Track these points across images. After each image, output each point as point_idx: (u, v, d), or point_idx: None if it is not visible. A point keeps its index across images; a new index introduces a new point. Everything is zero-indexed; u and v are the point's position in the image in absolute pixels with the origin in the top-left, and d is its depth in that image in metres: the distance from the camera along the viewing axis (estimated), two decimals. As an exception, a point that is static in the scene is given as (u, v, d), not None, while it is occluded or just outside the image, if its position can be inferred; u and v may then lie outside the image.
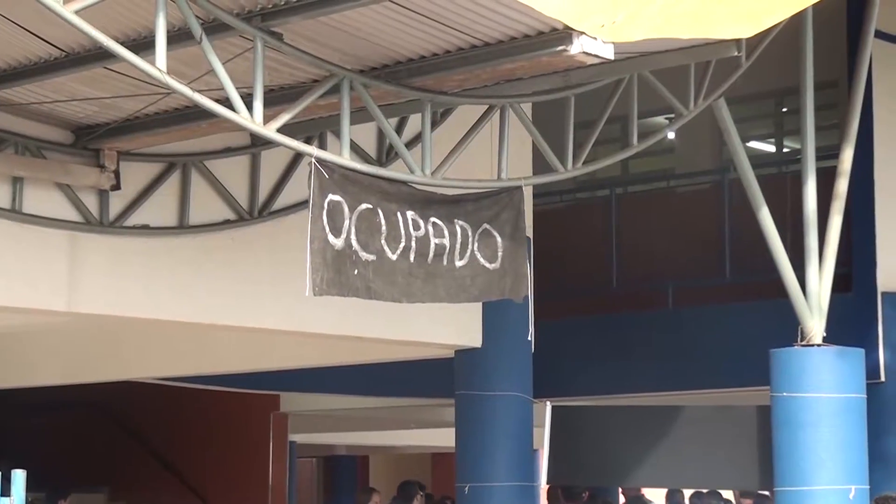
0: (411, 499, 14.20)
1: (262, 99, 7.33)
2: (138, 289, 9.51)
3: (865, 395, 10.53)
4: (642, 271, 15.09)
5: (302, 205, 8.30)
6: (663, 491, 17.08)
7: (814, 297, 10.50)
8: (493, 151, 8.90)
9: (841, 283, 11.00)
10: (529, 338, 10.91)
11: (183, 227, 9.67)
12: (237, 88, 7.17)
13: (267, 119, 7.43)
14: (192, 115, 8.46)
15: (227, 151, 9.78)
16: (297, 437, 19.68)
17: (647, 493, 17.53)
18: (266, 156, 9.94)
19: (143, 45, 7.13)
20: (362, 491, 15.33)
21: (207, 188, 9.80)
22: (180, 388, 15.44)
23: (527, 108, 9.22)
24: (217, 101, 7.22)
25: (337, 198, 7.89)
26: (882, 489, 11.35)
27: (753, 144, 15.18)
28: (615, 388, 14.91)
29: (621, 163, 13.68)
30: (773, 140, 15.89)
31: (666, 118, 10.35)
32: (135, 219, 9.48)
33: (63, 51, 7.91)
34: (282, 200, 10.07)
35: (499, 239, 8.90)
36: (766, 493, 13.29)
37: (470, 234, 8.75)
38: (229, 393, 15.61)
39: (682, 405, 15.93)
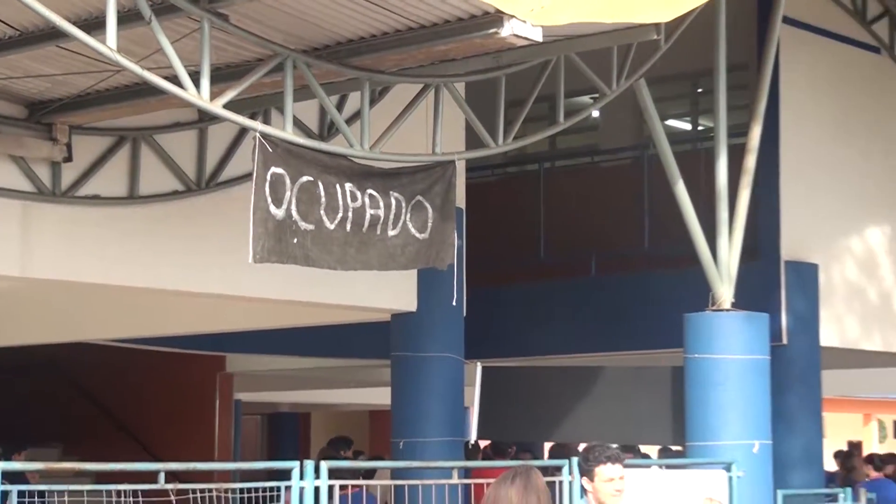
0: (338, 452, 14.22)
1: (209, 76, 7.30)
2: (90, 256, 9.45)
3: (769, 357, 10.65)
4: (568, 241, 15.15)
5: (247, 177, 8.25)
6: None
7: (724, 266, 10.61)
8: (427, 128, 8.90)
9: (748, 253, 11.10)
10: (455, 303, 10.91)
11: (132, 197, 9.61)
12: (185, 66, 7.13)
13: (213, 96, 7.40)
14: (141, 91, 8.38)
15: (176, 126, 9.71)
16: (243, 396, 19.65)
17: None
18: (213, 130, 9.88)
19: (94, 24, 7.07)
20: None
21: (156, 161, 9.74)
22: (131, 349, 15.36)
23: (460, 87, 9.22)
24: (166, 78, 7.17)
25: (279, 170, 7.87)
26: (783, 443, 11.53)
27: (671, 123, 15.28)
28: (541, 350, 15.00)
29: (549, 139, 13.73)
30: (688, 118, 16.02)
31: (590, 97, 10.40)
32: (86, 189, 9.41)
33: (17, 29, 7.81)
34: (227, 172, 10.02)
35: (430, 210, 8.91)
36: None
37: (403, 205, 8.76)
38: (178, 354, 15.55)
39: (602, 366, 16.04)
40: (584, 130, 16.17)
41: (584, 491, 7.18)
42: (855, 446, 25.79)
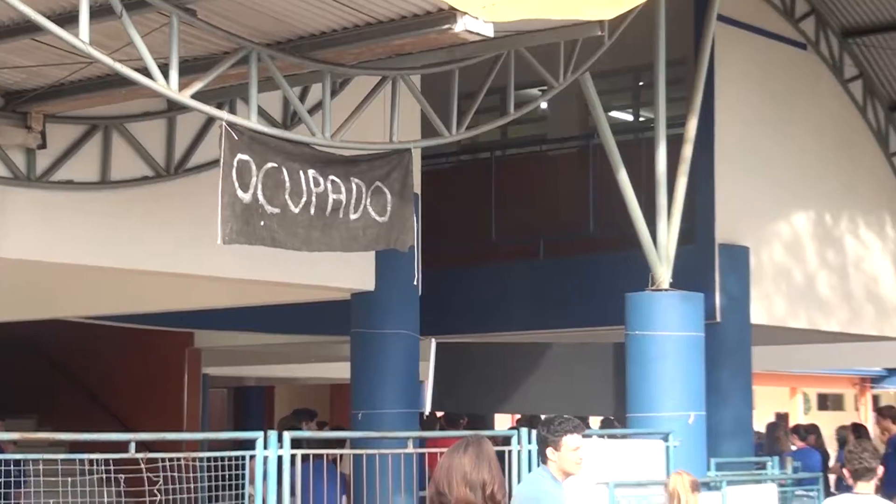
0: (300, 424, 14.20)
1: (178, 68, 7.27)
2: (63, 237, 9.40)
3: (704, 334, 10.72)
4: (517, 225, 15.18)
5: (214, 163, 8.23)
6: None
7: (663, 249, 10.67)
8: (385, 117, 8.90)
9: (685, 236, 11.16)
10: (416, 282, 10.92)
11: (104, 182, 9.56)
12: (155, 59, 7.10)
13: (182, 86, 7.37)
14: (113, 82, 8.32)
15: (146, 115, 9.66)
16: (210, 370, 19.58)
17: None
18: (181, 119, 9.83)
19: (68, 18, 6.99)
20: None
21: (127, 148, 9.69)
22: (104, 325, 15.27)
23: (416, 79, 9.21)
24: (136, 70, 7.13)
25: (245, 157, 7.85)
26: (716, 415, 11.60)
27: (614, 114, 15.31)
28: (492, 327, 15.04)
29: (500, 128, 13.72)
30: (630, 110, 16.06)
31: (539, 90, 10.42)
32: (60, 175, 9.35)
33: (-5, 23, 7.74)
34: (195, 159, 9.98)
35: (389, 195, 8.91)
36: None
37: (364, 190, 8.75)
38: (148, 330, 15.48)
39: (549, 342, 16.09)
40: (533, 121, 16.19)
41: (544, 459, 7.17)
42: (782, 418, 26.01)
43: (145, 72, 7.13)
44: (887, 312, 15.99)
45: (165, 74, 7.20)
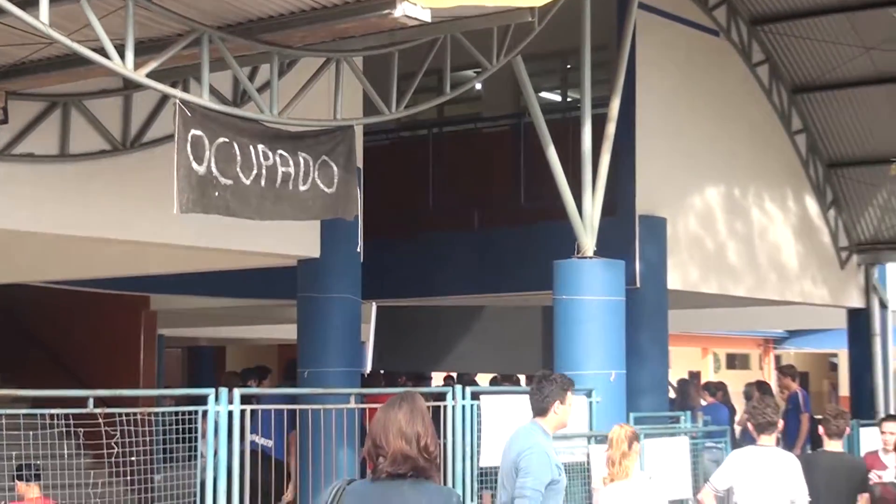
0: (246, 382, 14.17)
1: (133, 49, 7.17)
2: (25, 207, 9.28)
3: (624, 298, 10.79)
4: (454, 197, 15.19)
5: (169, 138, 8.15)
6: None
7: (587, 219, 10.70)
8: (329, 96, 8.86)
9: (608, 208, 11.20)
10: (359, 250, 10.90)
11: (64, 155, 9.43)
12: (111, 40, 6.99)
13: (137, 66, 7.28)
14: (72, 61, 8.18)
15: (103, 93, 9.52)
16: (165, 331, 19.46)
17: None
18: (137, 97, 9.71)
19: (30, 1, 6.88)
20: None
21: (85, 123, 9.56)
22: (66, 290, 15.12)
23: (358, 60, 9.16)
24: (94, 50, 7.03)
25: (198, 132, 7.78)
26: (635, 373, 11.70)
27: (543, 95, 15.33)
28: (429, 292, 15.07)
29: (437, 107, 13.69)
30: (558, 91, 16.08)
31: (474, 71, 10.40)
32: (21, 148, 9.21)
33: (-44, 4, 7.59)
34: (151, 134, 9.87)
35: (335, 168, 8.88)
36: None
37: (311, 163, 8.72)
38: (107, 294, 15.35)
39: (483, 306, 16.16)
40: (468, 100, 16.19)
41: (542, 413, 7.27)
42: (694, 375, 26.26)
43: (102, 52, 7.03)
44: (789, 279, 16.22)
45: (122, 55, 7.11)
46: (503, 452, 7.46)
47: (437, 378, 19.10)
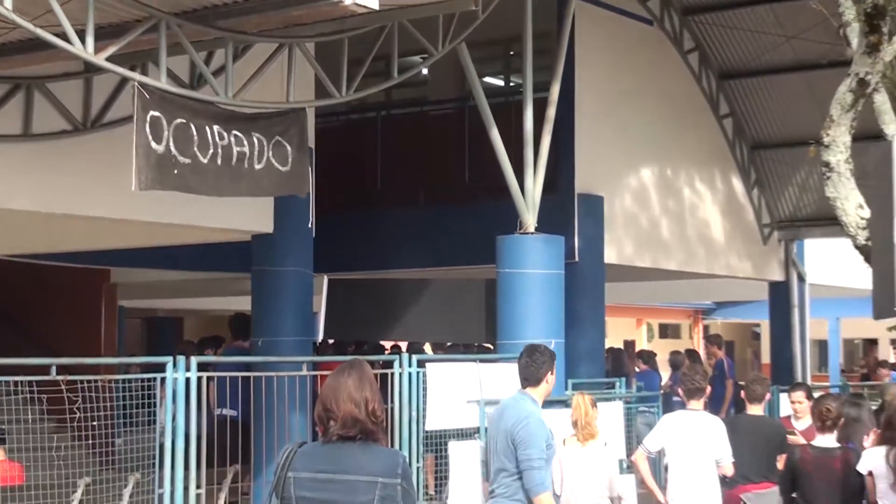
0: (203, 350, 14.15)
1: (94, 34, 7.11)
2: (-9, 185, 9.20)
3: (564, 272, 10.86)
4: (402, 176, 15.20)
5: (128, 119, 8.08)
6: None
7: (529, 197, 10.76)
8: (282, 80, 8.82)
9: (549, 187, 11.26)
10: (310, 225, 10.89)
11: (27, 135, 9.33)
12: (73, 25, 6.93)
13: (98, 50, 7.21)
14: (34, 45, 8.07)
15: (65, 76, 9.42)
16: (126, 303, 19.33)
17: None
18: (97, 80, 9.62)
19: (-8, -14, 6.81)
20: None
21: (47, 105, 9.44)
22: (31, 264, 14.96)
23: (310, 46, 9.12)
24: (56, 35, 6.96)
25: (157, 113, 7.74)
26: (574, 342, 11.81)
27: (487, 79, 15.35)
28: (379, 266, 15.09)
29: (385, 91, 13.67)
30: (501, 76, 16.11)
31: (420, 57, 10.38)
32: (-14, 128, 9.13)
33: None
34: (111, 115, 9.77)
35: (288, 148, 8.87)
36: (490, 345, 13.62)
37: (265, 143, 8.70)
38: (70, 268, 15.21)
39: (429, 278, 16.19)
40: (414, 85, 16.17)
41: (534, 384, 7.29)
42: (629, 344, 26.53)
43: (64, 37, 6.96)
44: (716, 254, 16.40)
45: (83, 39, 7.05)
46: (492, 422, 7.42)
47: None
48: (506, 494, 7.11)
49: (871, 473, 7.35)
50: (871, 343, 31.57)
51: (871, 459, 7.37)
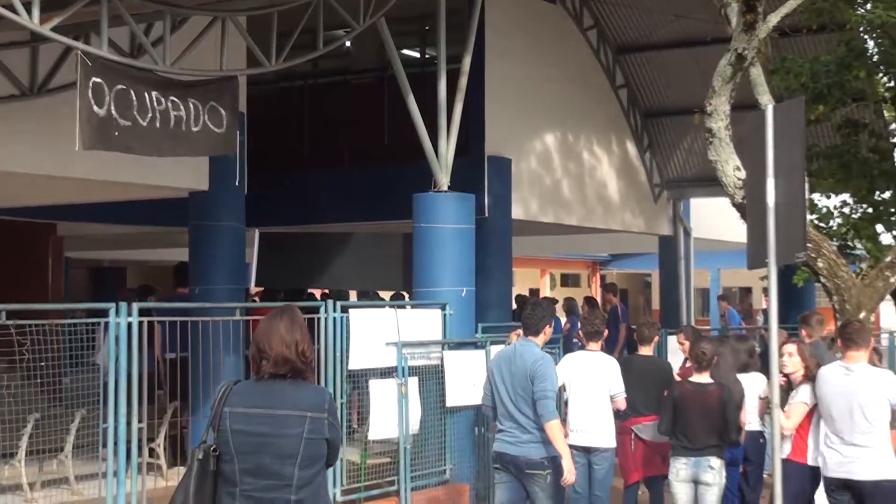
0: (144, 298, 14.01)
1: (39, 6, 6.99)
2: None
3: (474, 227, 10.95)
4: (327, 139, 15.13)
5: (72, 85, 7.95)
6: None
7: (443, 159, 10.81)
8: (216, 50, 8.74)
9: (461, 149, 11.31)
10: (237, 183, 10.81)
11: (-22, 100, 9.15)
12: (19, -3, 6.81)
13: (43, 21, 7.10)
14: (-18, 15, 7.92)
15: (12, 44, 9.21)
16: (72, 254, 19.03)
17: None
18: (43, 48, 9.42)
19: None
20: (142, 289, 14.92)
21: (-4, 72, 9.27)
22: (-20, 218, 14.68)
23: (242, 19, 9.04)
24: (3, 6, 6.83)
25: (99, 80, 7.64)
26: (483, 290, 11.91)
27: (405, 52, 15.29)
28: (306, 220, 15.05)
29: (311, 61, 13.57)
30: (418, 49, 16.05)
31: (344, 30, 10.33)
32: (-62, 93, 8.90)
33: None
34: (56, 81, 9.59)
35: (223, 112, 8.81)
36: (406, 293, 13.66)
37: (201, 108, 8.63)
38: (18, 222, 14.93)
39: (352, 232, 16.17)
40: (338, 56, 16.01)
41: (535, 333, 7.70)
42: (534, 293, 26.78)
43: (11, 8, 6.85)
44: (612, 211, 16.63)
45: (29, 11, 6.93)
46: (499, 367, 7.75)
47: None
48: (525, 426, 7.51)
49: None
50: (747, 291, 32.31)
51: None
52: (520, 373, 7.56)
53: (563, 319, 17.82)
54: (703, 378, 8.01)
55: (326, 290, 16.52)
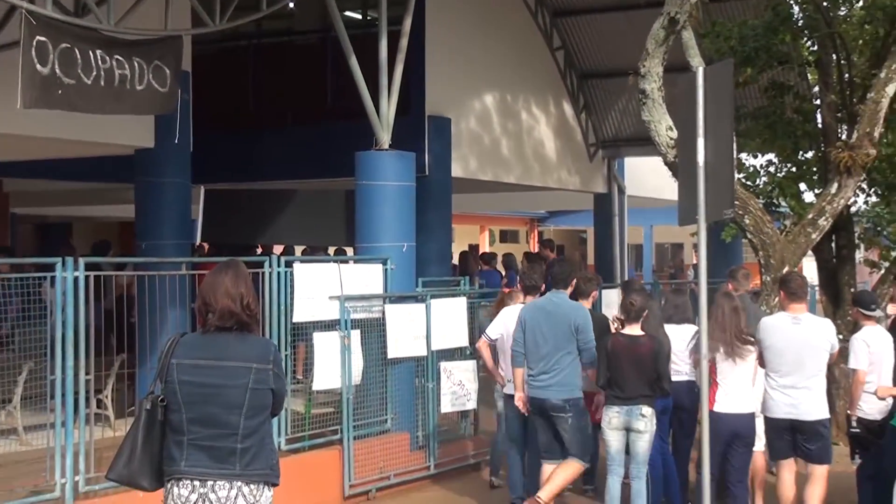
0: (105, 252, 13.87)
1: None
2: None
3: (415, 184, 10.95)
4: (271, 98, 14.99)
5: (16, 43, 7.78)
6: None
7: (384, 118, 10.76)
8: (161, 9, 8.60)
9: (402, 109, 11.27)
10: (176, 141, 10.67)
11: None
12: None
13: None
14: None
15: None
16: (18, 210, 18.72)
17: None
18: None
19: None
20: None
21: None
22: (-76, 174, 14.38)
23: (186, -22, 8.91)
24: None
25: (43, 38, 7.51)
26: (424, 246, 11.94)
27: (348, 13, 15.16)
28: (250, 178, 14.96)
29: (255, 21, 13.40)
30: (360, 10, 15.92)
31: (287, -10, 10.21)
32: None
33: None
34: (0, 39, 9.35)
35: (167, 71, 8.71)
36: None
37: (145, 67, 8.52)
38: (-36, 179, 14.68)
39: (296, 189, 16.10)
40: (282, 16, 15.83)
41: (564, 286, 8.37)
42: (474, 248, 26.86)
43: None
44: (549, 169, 16.72)
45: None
46: (535, 317, 8.27)
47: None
48: (565, 370, 8.18)
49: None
50: (678, 247, 32.75)
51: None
52: (562, 322, 8.20)
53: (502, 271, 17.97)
54: (635, 330, 8.12)
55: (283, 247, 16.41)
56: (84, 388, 7.88)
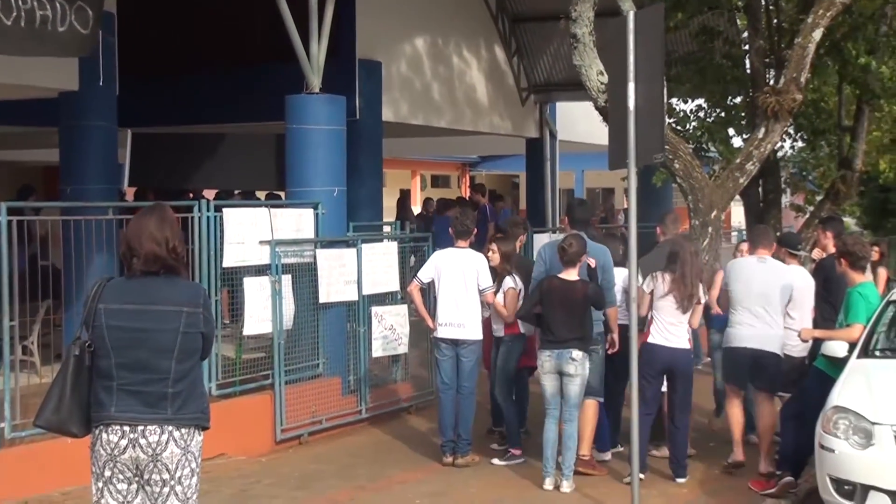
0: (28, 197, 13.57)
1: None
2: None
3: (345, 128, 10.86)
4: (202, 41, 14.71)
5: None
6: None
7: (315, 62, 10.62)
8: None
9: (332, 53, 11.13)
10: (100, 83, 10.42)
11: None
12: None
13: None
14: None
15: None
16: (-65, 155, 18.18)
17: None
18: None
19: None
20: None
21: None
22: None
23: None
24: None
25: (-41, -25, 7.24)
26: (354, 190, 11.86)
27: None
28: (179, 121, 14.73)
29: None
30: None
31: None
32: None
33: None
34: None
35: (89, 12, 8.51)
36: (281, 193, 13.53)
37: (67, 8, 8.31)
38: None
39: (225, 133, 15.89)
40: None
41: (583, 227, 8.68)
42: (405, 193, 26.80)
43: None
44: (481, 114, 16.69)
45: None
46: (556, 253, 8.30)
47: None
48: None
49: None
50: (609, 192, 33.03)
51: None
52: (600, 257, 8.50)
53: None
54: (570, 275, 8.19)
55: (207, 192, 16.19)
56: (9, 335, 7.75)
